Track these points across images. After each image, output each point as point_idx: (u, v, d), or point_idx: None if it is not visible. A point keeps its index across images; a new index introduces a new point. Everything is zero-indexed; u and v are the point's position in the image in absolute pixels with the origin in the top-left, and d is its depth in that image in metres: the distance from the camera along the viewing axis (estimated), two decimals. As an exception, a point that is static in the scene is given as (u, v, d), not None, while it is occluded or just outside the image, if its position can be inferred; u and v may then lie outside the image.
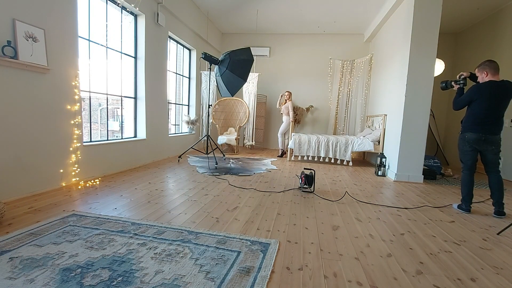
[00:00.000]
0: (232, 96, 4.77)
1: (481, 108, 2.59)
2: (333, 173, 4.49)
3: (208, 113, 5.01)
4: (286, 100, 6.02)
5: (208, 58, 4.29)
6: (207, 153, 4.83)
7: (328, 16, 6.04)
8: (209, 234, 1.94)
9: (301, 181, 3.31)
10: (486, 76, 2.63)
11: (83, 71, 3.29)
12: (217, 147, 5.95)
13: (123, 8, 3.98)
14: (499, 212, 2.65)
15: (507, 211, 2.86)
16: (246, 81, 4.74)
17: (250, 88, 6.58)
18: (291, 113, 5.85)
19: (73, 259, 1.53)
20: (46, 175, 2.80)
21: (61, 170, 2.97)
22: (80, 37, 3.15)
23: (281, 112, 6.19)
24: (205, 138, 5.48)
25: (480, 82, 2.68)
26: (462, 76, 2.84)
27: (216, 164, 4.56)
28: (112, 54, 3.91)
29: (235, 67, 4.43)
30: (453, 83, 2.90)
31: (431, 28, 3.90)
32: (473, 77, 2.81)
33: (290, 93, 6.06)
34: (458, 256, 1.81)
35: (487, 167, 2.69)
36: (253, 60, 4.62)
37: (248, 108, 6.45)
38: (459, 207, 2.84)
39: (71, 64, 3.01)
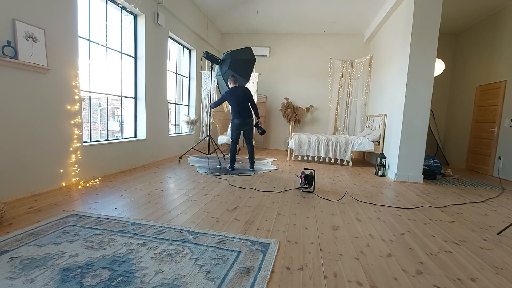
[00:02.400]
0: None
1: None
2: (333, 173, 4.49)
3: (210, 113, 4.99)
4: None
5: (210, 57, 4.28)
6: (208, 154, 4.82)
7: (328, 16, 6.04)
8: (209, 234, 1.94)
9: (301, 181, 3.31)
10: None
11: (83, 71, 3.29)
12: (218, 148, 5.93)
13: (123, 8, 3.98)
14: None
15: (506, 210, 2.87)
16: (248, 81, 4.72)
17: (250, 88, 6.56)
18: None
19: (73, 259, 1.53)
20: (46, 175, 2.80)
21: (61, 170, 2.97)
22: (80, 37, 3.15)
23: None
24: (206, 138, 5.48)
25: None
26: None
27: (220, 164, 4.55)
28: (112, 54, 3.91)
29: (237, 66, 4.41)
30: None
31: (431, 28, 3.89)
32: None
33: None
34: (458, 256, 1.81)
35: None
36: (255, 60, 4.60)
37: (248, 108, 6.44)
38: None
39: (71, 64, 3.01)
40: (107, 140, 3.84)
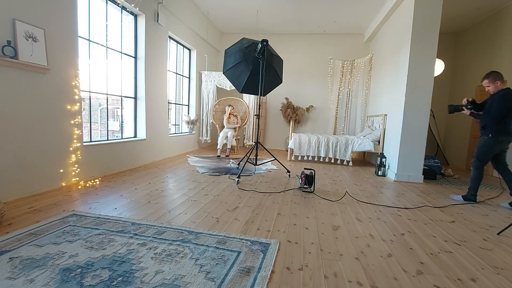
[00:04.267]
0: (264, 96, 4.15)
1: None
2: (333, 173, 4.49)
3: (259, 115, 3.88)
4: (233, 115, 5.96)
5: (265, 49, 3.47)
6: (255, 164, 4.03)
7: (328, 16, 6.04)
8: (209, 234, 1.94)
9: (301, 181, 3.31)
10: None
11: (83, 71, 3.29)
12: (274, 158, 4.49)
13: (123, 8, 3.98)
14: None
15: (506, 210, 2.86)
16: (282, 82, 4.20)
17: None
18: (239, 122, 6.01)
19: (73, 259, 1.53)
20: (46, 175, 2.79)
21: (61, 170, 2.97)
22: (80, 37, 3.15)
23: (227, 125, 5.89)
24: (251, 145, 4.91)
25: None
26: (470, 100, 3.14)
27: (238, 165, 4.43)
28: (112, 54, 3.91)
29: (276, 62, 3.93)
30: (463, 107, 3.13)
31: (431, 28, 3.89)
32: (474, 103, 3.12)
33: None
34: (458, 256, 1.81)
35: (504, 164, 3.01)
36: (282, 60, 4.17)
37: (248, 108, 6.44)
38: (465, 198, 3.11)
39: (71, 64, 3.01)
40: (107, 140, 3.83)
